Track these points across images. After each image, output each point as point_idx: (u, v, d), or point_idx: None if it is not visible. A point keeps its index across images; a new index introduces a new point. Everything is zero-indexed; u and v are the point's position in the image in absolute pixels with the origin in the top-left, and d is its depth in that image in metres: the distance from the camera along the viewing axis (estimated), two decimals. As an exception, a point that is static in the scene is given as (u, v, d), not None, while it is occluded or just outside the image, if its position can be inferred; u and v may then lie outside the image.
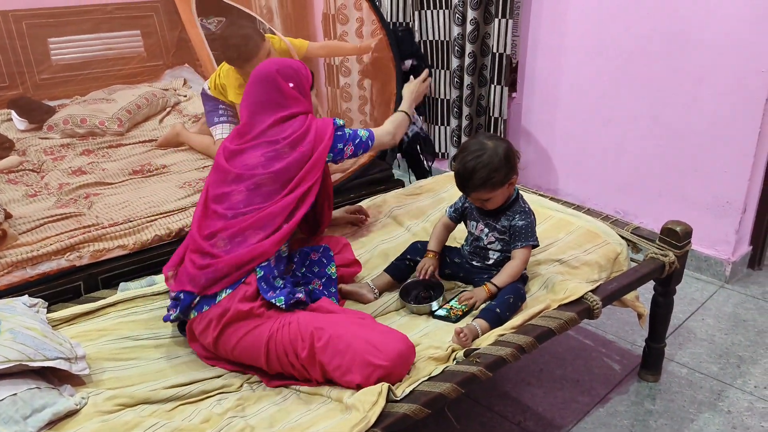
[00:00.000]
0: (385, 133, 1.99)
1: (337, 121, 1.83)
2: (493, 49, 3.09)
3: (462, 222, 1.92)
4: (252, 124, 1.73)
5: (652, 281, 1.95)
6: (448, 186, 2.38)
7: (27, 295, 1.76)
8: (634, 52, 2.67)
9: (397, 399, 1.37)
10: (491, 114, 3.23)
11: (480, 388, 2.01)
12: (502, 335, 1.57)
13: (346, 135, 1.84)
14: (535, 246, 1.79)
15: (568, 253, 1.93)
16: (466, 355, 1.50)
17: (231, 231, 1.59)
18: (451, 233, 1.94)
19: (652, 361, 2.08)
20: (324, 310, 1.60)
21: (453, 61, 3.22)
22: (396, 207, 2.30)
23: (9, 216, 2.08)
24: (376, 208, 2.30)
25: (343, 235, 2.09)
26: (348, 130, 1.85)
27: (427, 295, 1.80)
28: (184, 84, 3.91)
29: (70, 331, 1.66)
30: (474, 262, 1.87)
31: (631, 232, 2.05)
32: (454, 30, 3.15)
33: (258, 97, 1.74)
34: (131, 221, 2.15)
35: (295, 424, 1.35)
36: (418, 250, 1.91)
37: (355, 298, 1.81)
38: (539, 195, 2.32)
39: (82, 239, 2.01)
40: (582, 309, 1.67)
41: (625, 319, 2.41)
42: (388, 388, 1.37)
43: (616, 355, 2.23)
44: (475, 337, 1.58)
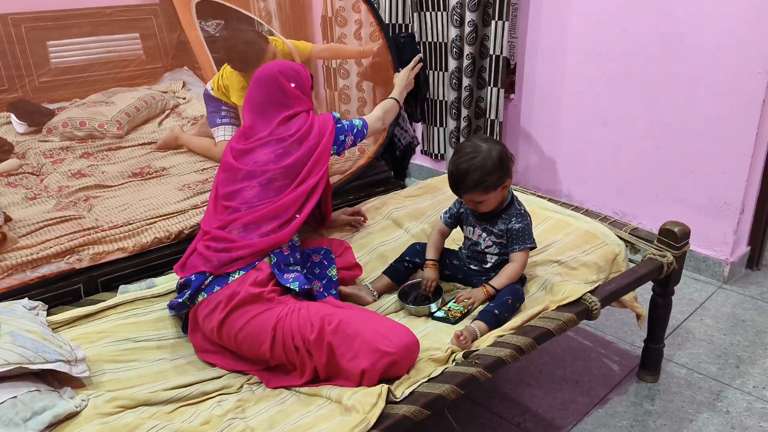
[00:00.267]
0: (375, 119, 2.14)
1: (335, 114, 1.94)
2: (491, 51, 3.09)
3: (458, 227, 1.92)
4: (257, 125, 1.82)
5: (650, 282, 1.95)
6: (448, 187, 2.37)
7: (27, 298, 1.76)
8: (632, 54, 2.67)
9: (397, 400, 1.37)
10: (488, 116, 3.24)
11: (479, 389, 2.02)
12: (501, 336, 1.57)
13: (345, 126, 1.97)
14: (532, 248, 1.79)
15: (567, 254, 1.94)
16: (465, 357, 1.51)
17: (245, 220, 1.68)
18: (447, 237, 1.94)
19: (650, 362, 2.08)
20: (332, 304, 1.64)
21: (451, 62, 3.23)
22: (395, 208, 2.30)
23: (8, 219, 2.08)
24: (375, 210, 2.31)
25: (342, 237, 2.11)
26: (345, 122, 1.99)
27: (425, 297, 1.80)
28: (183, 86, 3.91)
29: (70, 334, 1.66)
30: (472, 266, 1.87)
31: (630, 233, 2.05)
32: (452, 32, 3.15)
33: (262, 99, 1.83)
34: (131, 224, 2.15)
35: (295, 426, 1.36)
36: (416, 252, 1.91)
37: (355, 300, 1.82)
38: (538, 196, 2.32)
39: (81, 242, 2.01)
40: (581, 310, 1.68)
41: (623, 320, 2.41)
42: (388, 389, 1.37)
43: (615, 356, 2.24)
44: (474, 339, 1.58)
